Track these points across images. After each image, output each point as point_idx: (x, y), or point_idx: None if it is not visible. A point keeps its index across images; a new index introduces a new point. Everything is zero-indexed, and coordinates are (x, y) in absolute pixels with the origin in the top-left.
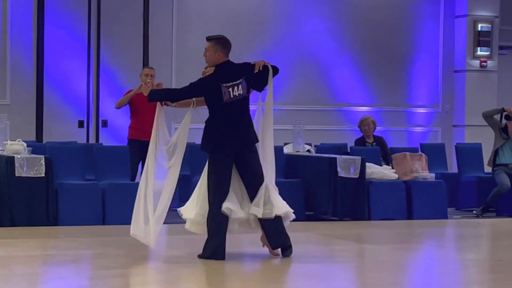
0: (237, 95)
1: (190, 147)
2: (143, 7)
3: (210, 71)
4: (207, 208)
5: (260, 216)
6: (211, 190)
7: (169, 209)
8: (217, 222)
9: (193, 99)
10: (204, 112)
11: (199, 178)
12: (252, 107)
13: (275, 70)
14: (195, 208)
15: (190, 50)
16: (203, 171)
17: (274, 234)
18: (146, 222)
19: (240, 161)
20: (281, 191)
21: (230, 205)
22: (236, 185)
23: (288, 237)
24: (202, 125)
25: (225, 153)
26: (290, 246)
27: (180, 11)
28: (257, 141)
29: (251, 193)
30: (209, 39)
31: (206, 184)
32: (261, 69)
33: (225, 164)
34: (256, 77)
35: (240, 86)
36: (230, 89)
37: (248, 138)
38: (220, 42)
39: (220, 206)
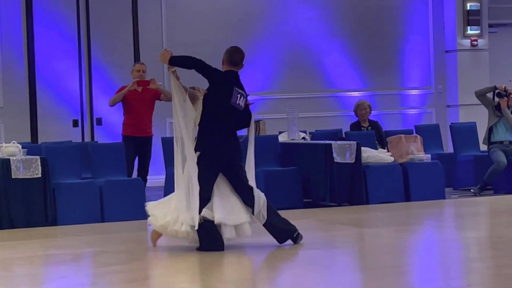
0: (241, 104)
1: None
2: (132, 3)
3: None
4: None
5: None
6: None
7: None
8: (205, 225)
9: (187, 94)
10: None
11: None
12: None
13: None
14: (168, 214)
15: (180, 44)
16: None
17: (277, 228)
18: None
19: (231, 169)
20: (278, 179)
21: (207, 213)
22: (227, 193)
23: (292, 224)
24: None
25: (219, 156)
26: (298, 234)
27: (168, 6)
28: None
29: (245, 198)
30: None
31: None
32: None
33: (215, 168)
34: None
35: (244, 99)
36: (239, 95)
37: (240, 151)
38: (226, 51)
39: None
